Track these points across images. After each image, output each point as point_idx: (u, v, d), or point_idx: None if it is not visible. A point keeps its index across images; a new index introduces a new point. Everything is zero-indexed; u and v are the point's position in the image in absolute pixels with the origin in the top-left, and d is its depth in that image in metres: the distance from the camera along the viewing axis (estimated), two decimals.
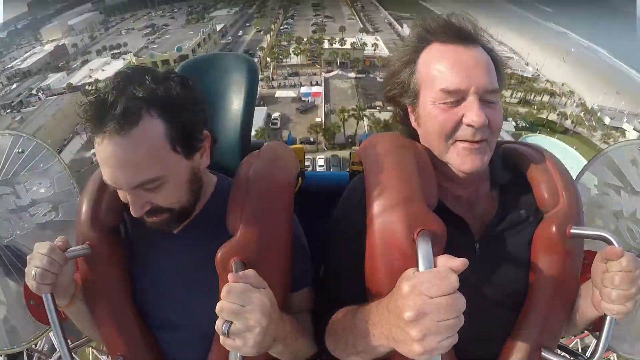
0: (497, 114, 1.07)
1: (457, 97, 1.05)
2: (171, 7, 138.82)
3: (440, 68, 1.07)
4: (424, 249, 0.85)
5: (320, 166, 41.96)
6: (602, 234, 1.01)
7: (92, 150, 44.53)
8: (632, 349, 1.43)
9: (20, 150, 1.55)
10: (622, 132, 50.75)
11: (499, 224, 1.16)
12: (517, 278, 1.13)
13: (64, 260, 1.08)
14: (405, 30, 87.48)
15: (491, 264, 1.12)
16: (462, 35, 1.09)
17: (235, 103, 1.52)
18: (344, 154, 43.95)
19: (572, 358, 1.21)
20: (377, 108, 51.62)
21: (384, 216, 1.03)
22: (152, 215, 1.08)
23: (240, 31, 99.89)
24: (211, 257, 1.10)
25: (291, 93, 59.76)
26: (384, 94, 1.27)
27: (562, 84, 66.22)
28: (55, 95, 63.52)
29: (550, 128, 52.07)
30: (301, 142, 45.42)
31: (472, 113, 1.02)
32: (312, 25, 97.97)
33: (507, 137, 44.18)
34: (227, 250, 1.07)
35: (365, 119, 48.01)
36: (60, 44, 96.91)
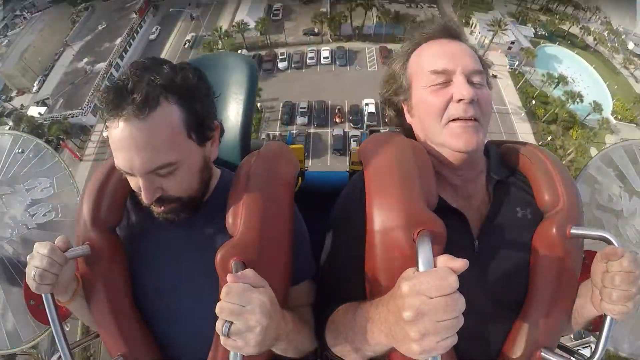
0: (485, 94, 1.14)
1: (445, 78, 1.12)
2: None
3: (428, 56, 1.18)
4: (424, 249, 0.85)
5: (325, 58, 40.02)
6: (602, 234, 1.01)
7: (85, 60, 42.28)
8: (632, 349, 1.43)
9: (20, 150, 1.55)
10: None
11: (496, 221, 1.16)
12: (516, 277, 1.13)
13: (64, 260, 1.08)
14: None
15: (490, 261, 1.13)
16: (447, 32, 1.21)
17: (236, 103, 1.52)
18: (351, 45, 42.23)
19: (572, 358, 1.21)
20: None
21: (384, 216, 1.03)
22: (161, 203, 1.09)
23: None
24: (210, 250, 1.11)
25: None
26: (382, 100, 1.36)
27: None
28: (40, 10, 59.49)
29: (571, 41, 49.09)
30: (304, 34, 43.48)
31: (460, 88, 1.09)
32: None
33: (525, 43, 42.27)
34: (227, 251, 1.06)
35: (374, 9, 44.28)
36: None
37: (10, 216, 1.54)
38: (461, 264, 0.78)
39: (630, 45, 49.85)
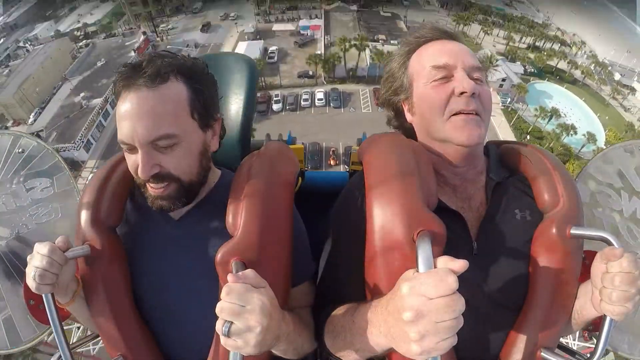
0: (485, 90, 1.16)
1: (446, 73, 1.14)
2: None
3: (429, 53, 1.21)
4: (423, 249, 0.85)
5: (319, 99, 40.73)
6: (602, 234, 1.01)
7: (82, 94, 42.97)
8: (632, 349, 1.43)
9: (20, 150, 1.55)
10: (632, 90, 49.27)
11: (494, 222, 1.16)
12: (516, 277, 1.13)
13: (64, 260, 1.08)
14: None
15: (488, 262, 1.13)
16: (447, 34, 1.25)
17: (236, 103, 1.52)
18: (345, 87, 43.32)
19: (572, 358, 1.21)
20: (380, 41, 50.15)
21: (384, 216, 1.03)
22: (159, 181, 1.10)
23: None
24: (210, 248, 1.12)
25: (289, 26, 57.28)
26: (381, 101, 1.37)
27: (574, 34, 63.54)
28: (42, 44, 61.01)
29: (559, 76, 50.67)
30: (299, 76, 44.36)
31: (461, 82, 1.11)
32: None
33: (516, 80, 43.45)
34: (227, 251, 1.06)
35: (368, 50, 45.79)
36: None
37: (10, 216, 1.54)
38: (461, 264, 0.78)
39: (617, 76, 51.64)
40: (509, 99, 41.92)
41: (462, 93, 1.10)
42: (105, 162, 1.32)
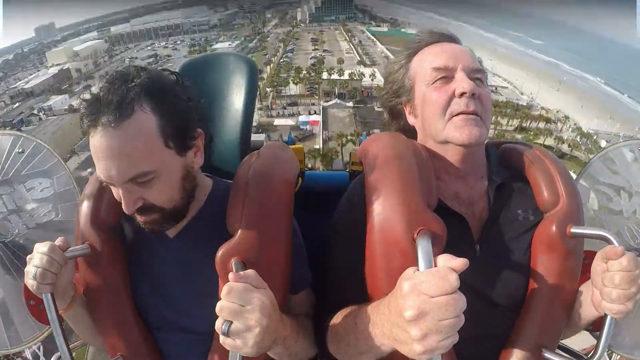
0: (485, 91, 1.17)
1: (447, 74, 1.15)
2: (174, 39, 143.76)
3: (430, 55, 1.22)
4: (424, 248, 0.85)
5: None
6: (603, 233, 1.01)
7: (88, 170, 45.06)
8: (632, 349, 1.42)
9: (20, 150, 1.55)
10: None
11: (497, 224, 1.16)
12: (517, 278, 1.13)
13: (64, 260, 1.08)
14: None
15: (491, 264, 1.13)
16: (448, 37, 1.26)
17: (235, 103, 1.52)
18: None
19: (572, 358, 1.21)
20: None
21: (384, 216, 1.03)
22: (143, 213, 1.08)
23: None
24: (208, 261, 1.10)
25: (289, 121, 60.82)
26: (381, 103, 1.39)
27: (557, 111, 67.97)
28: (55, 115, 65.00)
29: None
30: None
31: (461, 83, 1.12)
32: (311, 58, 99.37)
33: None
34: (227, 250, 1.06)
35: None
36: (64, 67, 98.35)
37: (10, 216, 1.54)
38: (461, 263, 0.78)
39: (603, 143, 53.23)
40: None
41: (462, 94, 1.11)
42: None
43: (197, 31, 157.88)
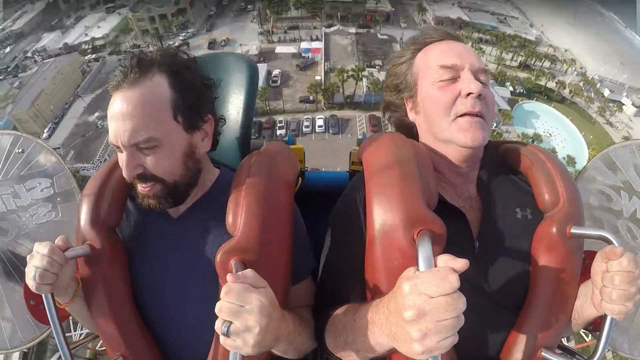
0: (490, 92, 1.17)
1: (453, 74, 1.15)
2: None
3: (436, 52, 1.21)
4: (424, 248, 0.84)
5: (319, 126, 43.76)
6: (603, 233, 1.01)
7: (96, 114, 45.49)
8: (632, 349, 1.43)
9: (20, 150, 1.55)
10: (620, 106, 50.41)
11: (496, 222, 1.16)
12: (516, 276, 1.13)
13: (64, 260, 1.08)
14: None
15: (490, 262, 1.13)
16: (451, 36, 1.25)
17: (235, 103, 1.52)
18: (342, 113, 46.68)
19: (572, 358, 1.21)
20: (377, 67, 52.00)
21: (384, 216, 1.02)
22: (144, 181, 1.12)
23: None
24: (209, 247, 1.12)
25: (291, 49, 58.97)
26: (382, 99, 1.38)
27: (566, 50, 64.42)
28: (52, 57, 62.58)
29: (547, 96, 51.68)
30: (301, 101, 46.99)
31: (468, 83, 1.12)
32: None
33: (503, 104, 45.11)
34: (227, 251, 1.06)
35: (364, 80, 48.27)
36: (51, 0, 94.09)
37: (11, 216, 1.54)
38: (462, 263, 0.78)
39: (606, 92, 52.63)
40: (495, 124, 43.19)
41: (469, 94, 1.11)
42: (105, 163, 1.32)
43: None
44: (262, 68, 50.50)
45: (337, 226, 1.25)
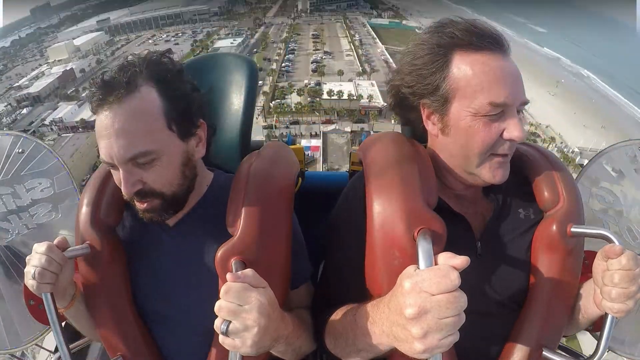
0: (523, 125, 1.08)
1: (499, 110, 1.02)
2: (175, 29, 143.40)
3: (484, 78, 1.01)
4: (424, 247, 0.85)
5: None
6: (603, 232, 1.01)
7: None
8: (632, 349, 1.43)
9: (20, 150, 1.55)
10: None
11: (498, 223, 1.16)
12: (518, 277, 1.13)
13: (63, 259, 1.09)
14: None
15: (492, 263, 1.13)
16: (498, 43, 1.04)
17: (235, 103, 1.51)
18: None
19: (572, 358, 1.21)
20: None
21: (384, 215, 1.02)
22: (143, 198, 1.09)
23: None
24: (208, 251, 1.11)
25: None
26: (390, 87, 1.22)
27: (547, 127, 67.91)
28: (67, 127, 67.13)
29: None
30: None
31: (515, 129, 1.02)
32: (311, 63, 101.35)
33: None
34: (227, 250, 1.06)
35: None
36: (68, 68, 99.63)
37: (10, 216, 1.54)
38: (462, 261, 0.77)
39: (585, 163, 53.40)
40: None
41: (513, 139, 1.04)
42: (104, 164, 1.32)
43: (197, 20, 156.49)
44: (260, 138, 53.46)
45: (337, 226, 1.25)
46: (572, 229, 1.07)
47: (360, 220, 1.10)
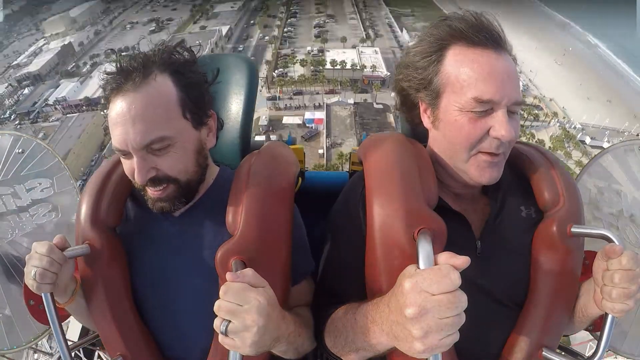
0: (517, 126, 1.06)
1: (487, 107, 1.02)
2: None
3: (472, 74, 1.02)
4: (424, 247, 0.85)
5: None
6: (603, 232, 1.01)
7: None
8: (632, 349, 1.43)
9: (20, 150, 1.55)
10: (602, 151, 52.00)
11: (498, 222, 1.16)
12: (518, 277, 1.13)
13: (63, 259, 1.09)
14: (405, 36, 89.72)
15: (492, 262, 1.12)
16: (493, 39, 1.04)
17: (235, 103, 1.52)
18: None
19: (572, 358, 1.21)
20: None
21: (384, 215, 1.03)
22: (157, 184, 1.10)
23: (245, 34, 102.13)
24: (211, 242, 1.12)
25: (296, 120, 65.18)
26: (394, 82, 1.24)
27: (550, 100, 66.55)
28: (71, 105, 66.30)
29: None
30: None
31: (502, 127, 1.01)
32: (314, 27, 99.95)
33: None
34: (227, 250, 1.06)
35: None
36: (66, 42, 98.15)
37: (10, 216, 1.54)
38: (463, 261, 0.77)
39: (587, 140, 54.97)
40: None
41: (498, 138, 1.03)
42: (105, 162, 1.32)
43: None
44: (272, 138, 55.52)
45: (337, 225, 1.25)
46: (572, 229, 1.07)
47: (359, 219, 1.10)
